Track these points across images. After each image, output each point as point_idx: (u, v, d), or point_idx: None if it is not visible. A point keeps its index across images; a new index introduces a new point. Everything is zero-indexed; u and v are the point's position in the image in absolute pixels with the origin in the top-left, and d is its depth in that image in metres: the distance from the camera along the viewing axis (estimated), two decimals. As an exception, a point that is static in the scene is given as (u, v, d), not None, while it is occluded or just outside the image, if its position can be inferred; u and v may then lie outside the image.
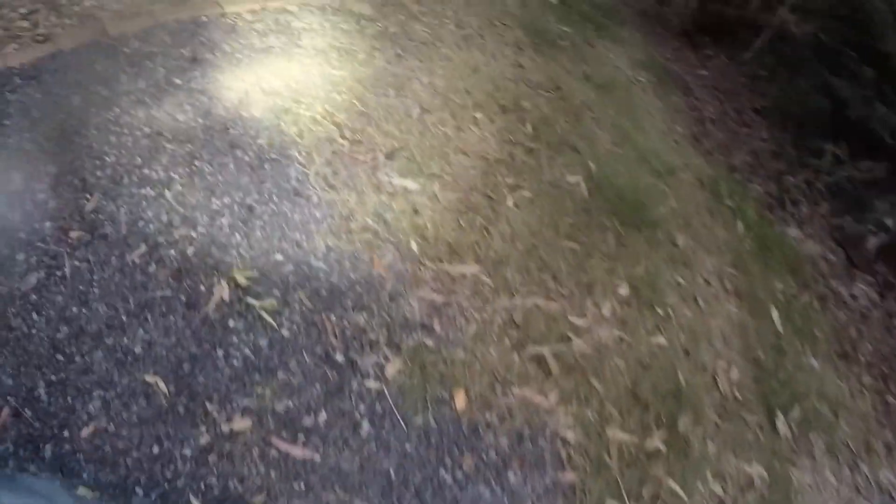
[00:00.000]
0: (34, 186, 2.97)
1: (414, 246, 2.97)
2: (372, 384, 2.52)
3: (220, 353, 2.49)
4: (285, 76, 3.54)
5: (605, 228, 3.46)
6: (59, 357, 2.40)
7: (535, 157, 3.69)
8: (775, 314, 3.68)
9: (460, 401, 2.56)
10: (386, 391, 2.51)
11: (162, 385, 2.38)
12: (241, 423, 2.35)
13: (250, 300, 2.63)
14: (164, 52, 3.62)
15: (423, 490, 2.35)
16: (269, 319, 2.59)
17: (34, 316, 2.50)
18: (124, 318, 2.53)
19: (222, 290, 2.64)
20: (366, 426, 2.43)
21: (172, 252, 2.73)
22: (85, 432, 2.24)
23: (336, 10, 4.18)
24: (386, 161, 3.29)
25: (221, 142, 3.14)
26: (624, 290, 3.22)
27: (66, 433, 2.22)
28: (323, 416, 2.42)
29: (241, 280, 2.66)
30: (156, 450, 2.24)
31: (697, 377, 3.09)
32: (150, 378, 2.39)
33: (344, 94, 3.55)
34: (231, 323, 2.57)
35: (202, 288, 2.64)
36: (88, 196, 2.90)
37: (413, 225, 3.05)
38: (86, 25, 3.99)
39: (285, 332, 2.58)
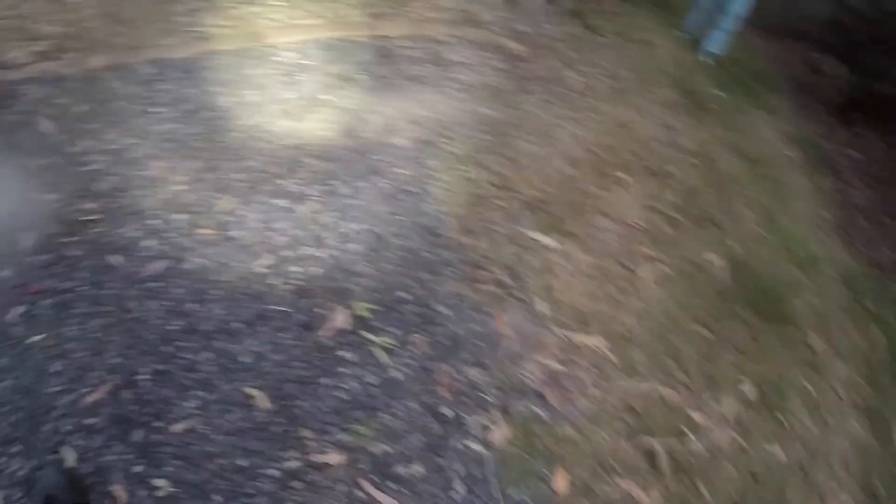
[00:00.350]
0: (173, 178, 3.02)
1: (541, 307, 2.83)
2: (474, 445, 2.39)
3: (327, 381, 2.43)
4: (433, 108, 3.48)
5: (739, 318, 3.22)
6: (168, 349, 2.41)
7: (677, 229, 3.47)
8: (900, 441, 3.34)
9: (560, 482, 2.40)
10: (487, 456, 2.38)
11: (263, 400, 2.34)
12: (334, 457, 2.27)
13: (367, 334, 2.56)
14: (317, 68, 3.64)
15: (505, 568, 2.22)
16: (383, 357, 2.51)
17: (151, 303, 2.54)
18: (238, 325, 2.52)
19: (340, 318, 2.58)
20: (459, 488, 2.30)
21: (297, 269, 2.70)
22: (177, 427, 2.23)
23: (491, 46, 4.09)
24: (525, 212, 3.16)
25: (362, 165, 3.10)
26: (749, 390, 2.97)
27: (158, 423, 2.22)
28: (418, 467, 2.31)
29: (361, 311, 2.60)
30: (243, 462, 2.19)
31: (807, 501, 2.82)
32: (251, 390, 2.36)
33: (490, 134, 3.45)
34: (343, 353, 2.50)
35: (320, 311, 2.59)
36: (223, 196, 2.92)
37: (544, 284, 2.90)
38: (244, 30, 4.08)
39: (396, 374, 2.49)
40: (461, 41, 4.02)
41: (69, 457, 2.09)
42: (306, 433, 2.30)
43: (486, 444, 2.40)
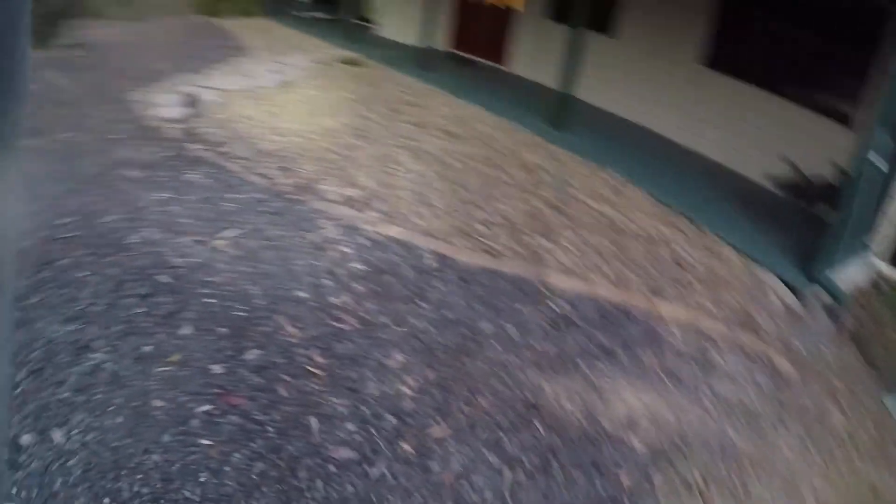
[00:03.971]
0: (405, 377, 3.06)
1: None
2: None
3: None
4: (680, 414, 3.16)
5: None
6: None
7: None
8: None
9: None
10: None
11: None
12: None
13: None
14: (583, 327, 3.58)
15: None
16: None
17: (319, 483, 2.53)
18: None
19: None
20: None
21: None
22: None
23: (761, 359, 3.71)
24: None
25: (585, 454, 2.86)
26: None
27: None
28: None
29: None
30: None
31: None
32: None
33: (727, 464, 2.99)
34: None
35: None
36: (440, 422, 2.86)
37: None
38: (530, 261, 4.20)
39: None
40: (732, 346, 3.72)
41: None
42: None
43: None
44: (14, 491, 2.37)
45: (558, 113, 7.51)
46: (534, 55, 10.30)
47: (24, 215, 4.57)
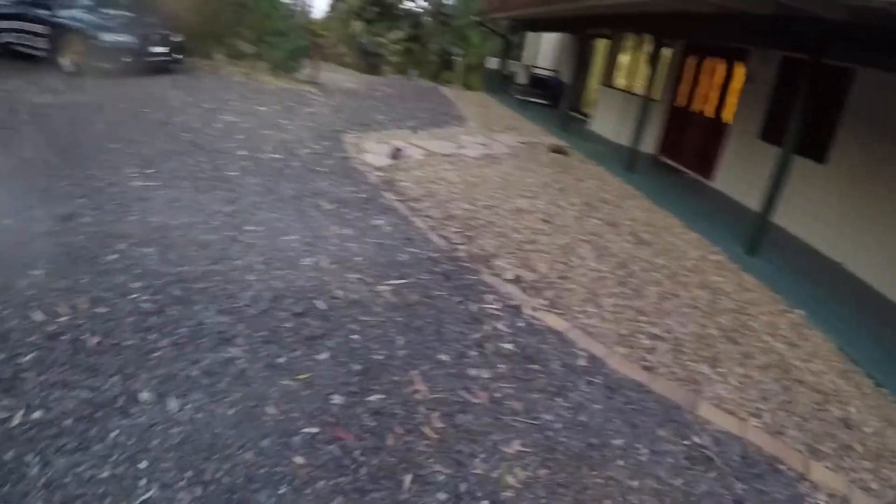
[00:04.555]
0: (514, 468, 2.94)
1: None
2: None
3: None
4: None
5: None
6: None
7: None
8: None
9: None
10: None
11: None
12: None
13: None
14: (721, 469, 3.23)
15: None
16: None
17: None
18: None
19: None
20: None
21: None
22: None
23: None
24: None
25: None
26: None
27: None
28: None
29: None
30: None
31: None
32: None
33: None
34: None
35: None
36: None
37: None
38: (685, 386, 3.93)
39: None
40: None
41: None
42: None
43: None
44: (114, 434, 2.65)
45: (754, 237, 7.10)
46: (738, 173, 9.84)
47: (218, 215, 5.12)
